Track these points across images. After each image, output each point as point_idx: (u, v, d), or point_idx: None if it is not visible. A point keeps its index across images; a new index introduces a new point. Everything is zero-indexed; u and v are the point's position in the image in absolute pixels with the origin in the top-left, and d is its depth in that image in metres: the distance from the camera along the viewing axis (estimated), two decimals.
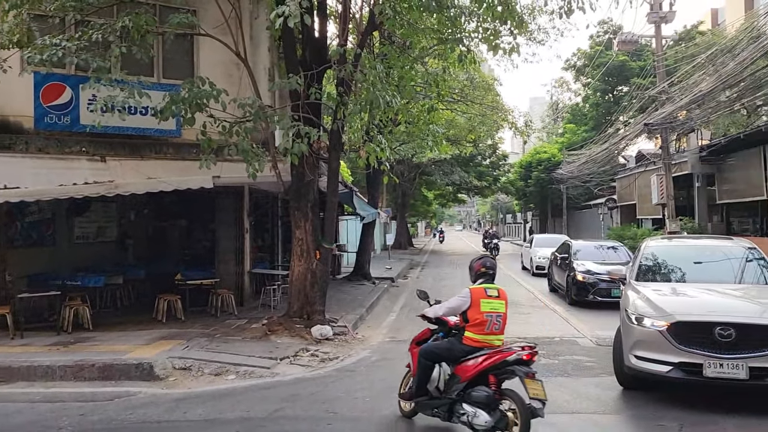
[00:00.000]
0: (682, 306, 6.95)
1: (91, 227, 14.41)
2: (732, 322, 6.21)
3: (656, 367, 6.49)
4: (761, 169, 19.03)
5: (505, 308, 5.73)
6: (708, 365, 6.13)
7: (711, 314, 6.52)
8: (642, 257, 8.65)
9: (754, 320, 6.31)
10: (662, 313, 6.66)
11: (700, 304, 7.08)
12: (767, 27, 16.47)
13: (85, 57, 8.67)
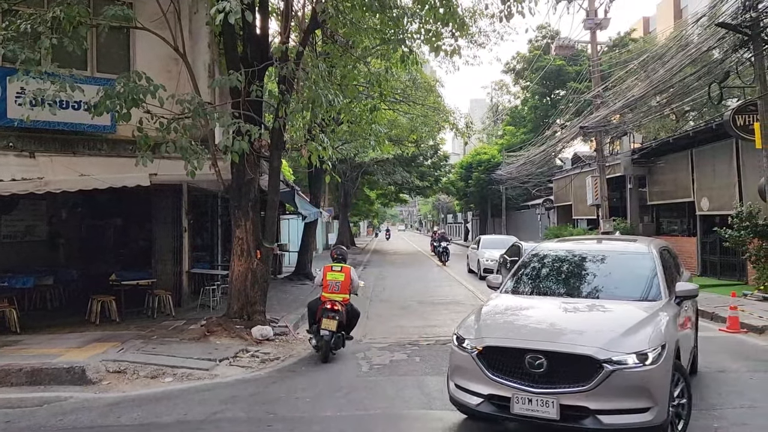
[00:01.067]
0: (502, 327, 5.90)
1: (19, 226, 13.82)
2: (542, 349, 5.17)
3: (468, 399, 5.53)
4: (689, 171, 19.93)
5: (346, 278, 9.28)
6: (516, 400, 5.13)
7: (525, 339, 5.44)
8: (522, 264, 7.46)
9: (565, 348, 5.18)
10: (479, 335, 5.61)
11: (522, 326, 5.93)
12: (694, 36, 17.24)
13: (12, 48, 8.30)
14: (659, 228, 23.74)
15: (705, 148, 18.94)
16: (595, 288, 6.61)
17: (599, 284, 6.63)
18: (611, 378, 4.94)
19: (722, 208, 17.47)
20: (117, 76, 8.78)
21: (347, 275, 9.33)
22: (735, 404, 6.82)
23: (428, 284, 20.76)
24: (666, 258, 7.17)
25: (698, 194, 19.33)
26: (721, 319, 11.95)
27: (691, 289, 6.28)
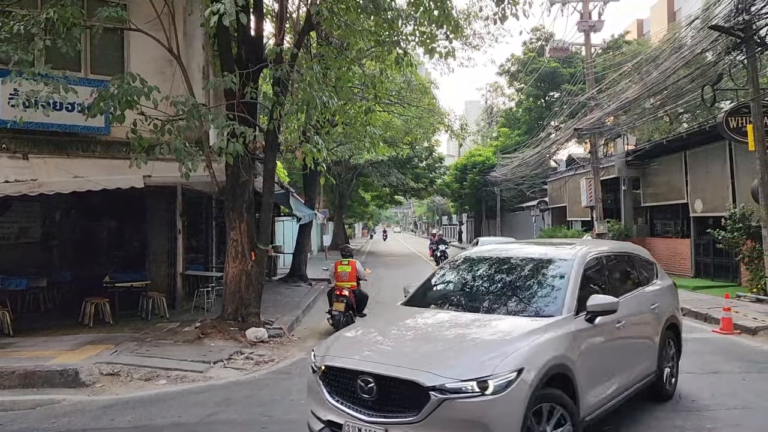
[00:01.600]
0: (349, 345, 5.25)
1: (13, 227, 13.76)
2: (371, 371, 4.54)
3: (313, 424, 5.01)
4: (682, 173, 20.00)
5: (352, 270, 11.57)
6: (347, 428, 4.60)
7: (361, 359, 4.81)
8: (435, 271, 6.90)
9: (393, 371, 4.48)
10: (326, 353, 5.09)
11: (370, 343, 5.28)
12: (688, 39, 17.31)
13: (5, 49, 8.27)
14: (653, 230, 23.82)
15: (698, 150, 19.01)
16: (495, 300, 5.79)
17: (502, 296, 5.86)
18: (441, 409, 4.20)
19: (716, 209, 17.53)
20: (111, 77, 8.77)
21: (353, 267, 11.71)
22: (728, 405, 6.84)
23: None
24: (599, 266, 6.12)
25: (692, 196, 19.40)
26: (714, 320, 11.99)
27: (606, 303, 5.25)
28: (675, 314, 7.21)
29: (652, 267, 7.37)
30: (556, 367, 4.66)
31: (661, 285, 7.20)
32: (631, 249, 7.48)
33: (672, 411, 6.64)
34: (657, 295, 6.91)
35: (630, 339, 6.10)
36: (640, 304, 6.44)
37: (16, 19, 8.47)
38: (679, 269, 20.27)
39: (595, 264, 6.10)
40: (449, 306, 6.00)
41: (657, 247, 22.27)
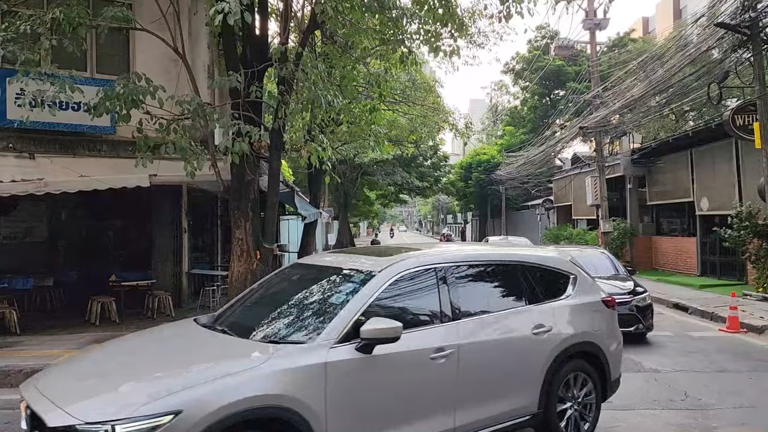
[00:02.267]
0: (63, 372, 4.62)
1: (19, 227, 13.81)
2: (28, 403, 4.02)
3: None
4: (688, 172, 19.94)
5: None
6: None
7: (38, 388, 4.20)
8: (261, 283, 6.01)
9: (39, 405, 3.83)
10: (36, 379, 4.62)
11: (68, 371, 4.59)
12: (693, 36, 17.25)
13: (12, 49, 8.29)
14: (659, 228, 23.76)
15: (704, 148, 18.95)
16: (263, 320, 4.91)
17: (277, 315, 4.99)
18: None
19: (722, 208, 17.48)
20: (116, 77, 8.78)
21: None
22: (735, 404, 6.83)
23: None
24: (429, 281, 5.00)
25: (698, 194, 19.34)
26: (720, 318, 11.96)
27: (383, 328, 4.16)
28: (593, 340, 5.64)
29: (563, 280, 5.82)
30: (264, 410, 3.72)
31: (572, 302, 5.68)
32: (523, 257, 5.87)
33: (678, 409, 6.63)
34: (555, 314, 5.45)
35: (468, 372, 4.79)
36: (505, 327, 5.16)
37: (22, 19, 8.50)
38: (685, 267, 20.22)
39: (419, 277, 4.96)
40: (226, 328, 4.85)
41: (663, 246, 22.23)
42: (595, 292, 6.02)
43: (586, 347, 5.60)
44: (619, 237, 22.45)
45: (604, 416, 6.35)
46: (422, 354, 4.55)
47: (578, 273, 5.98)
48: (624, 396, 7.13)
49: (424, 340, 4.65)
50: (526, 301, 5.45)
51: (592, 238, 24.84)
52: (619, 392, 7.22)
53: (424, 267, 5.04)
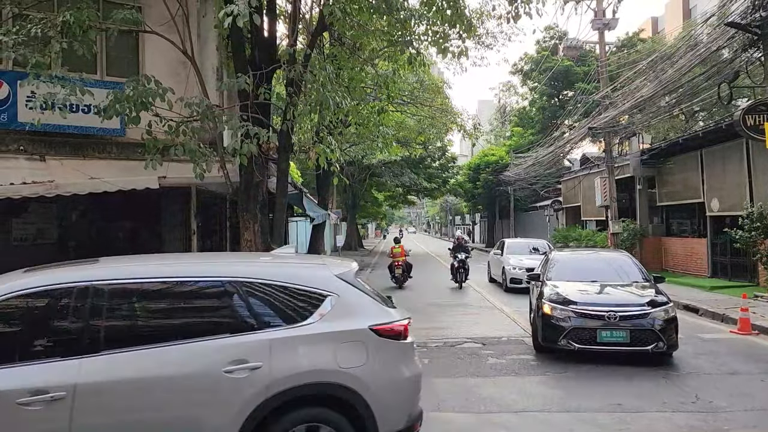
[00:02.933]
0: None
1: (30, 228, 13.90)
2: None
3: None
4: (698, 172, 19.82)
5: (401, 250, 20.47)
6: None
7: None
8: None
9: None
10: None
11: None
12: (703, 36, 17.16)
13: (23, 52, 8.35)
14: (669, 229, 23.63)
15: (715, 148, 18.83)
16: None
17: None
18: None
19: (733, 208, 17.35)
20: (126, 79, 8.83)
21: (402, 249, 20.55)
22: (746, 406, 6.78)
23: (435, 286, 20.71)
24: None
25: (708, 195, 19.22)
26: (731, 320, 11.87)
27: None
28: (344, 382, 4.32)
29: (308, 301, 4.53)
30: None
31: (312, 331, 4.40)
32: (240, 272, 4.62)
33: (688, 412, 6.58)
34: (273, 347, 4.27)
35: (93, 421, 3.89)
36: (176, 362, 4.12)
37: (33, 22, 8.56)
38: (695, 269, 20.09)
39: (36, 300, 4.21)
40: None
41: (673, 247, 22.11)
42: (362, 316, 4.55)
43: (331, 390, 4.31)
44: (629, 238, 22.34)
45: (612, 419, 6.32)
46: (6, 397, 3.71)
47: (340, 292, 4.57)
48: (633, 398, 7.09)
49: (12, 380, 3.78)
50: (228, 329, 4.32)
51: (601, 239, 24.74)
52: (628, 394, 7.22)
53: (44, 288, 4.21)
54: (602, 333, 8.62)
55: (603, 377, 8.19)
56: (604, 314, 8.64)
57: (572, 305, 8.96)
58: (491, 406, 6.97)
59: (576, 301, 9.05)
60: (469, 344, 10.55)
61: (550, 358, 9.12)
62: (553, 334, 8.94)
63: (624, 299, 9.22)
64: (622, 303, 8.99)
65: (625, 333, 8.57)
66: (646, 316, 8.64)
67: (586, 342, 8.68)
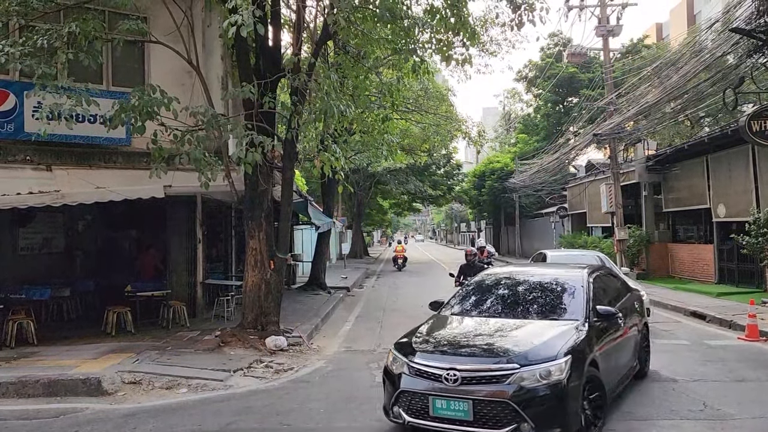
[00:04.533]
0: None
1: (37, 238, 13.97)
2: None
3: None
4: (704, 178, 19.76)
5: (402, 248, 36.18)
6: None
7: None
8: None
9: None
10: None
11: None
12: (708, 42, 17.13)
13: (29, 63, 8.42)
14: (675, 235, 23.54)
15: (721, 154, 18.77)
16: None
17: None
18: None
19: (739, 214, 17.28)
20: (132, 89, 8.89)
21: (403, 247, 35.98)
22: (755, 414, 6.72)
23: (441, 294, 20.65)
24: None
25: (714, 201, 19.15)
26: (739, 327, 11.80)
27: None
28: None
29: None
30: None
31: None
32: None
33: (697, 419, 6.54)
34: None
35: None
36: None
37: (39, 33, 8.63)
38: (702, 275, 19.99)
39: None
40: None
41: (679, 253, 22.02)
42: None
43: None
44: (635, 244, 22.25)
45: (621, 427, 6.28)
46: None
47: None
48: (641, 406, 7.05)
49: None
50: None
51: (607, 245, 24.65)
52: (636, 402, 7.18)
53: None
54: (436, 403, 5.57)
55: None
56: (441, 374, 5.60)
57: (410, 356, 5.97)
58: None
59: (419, 350, 6.07)
60: None
61: None
62: (386, 398, 6.14)
63: (493, 349, 5.99)
64: (482, 354, 5.88)
65: (467, 405, 5.45)
66: (502, 380, 5.45)
67: (418, 414, 5.72)
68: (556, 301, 7.00)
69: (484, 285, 7.78)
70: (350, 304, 17.93)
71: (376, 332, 12.72)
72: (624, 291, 8.37)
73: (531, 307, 7.01)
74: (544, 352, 5.68)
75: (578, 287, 6.99)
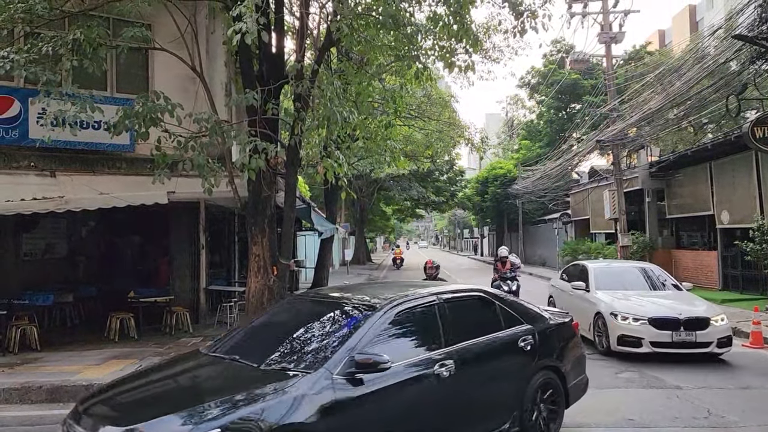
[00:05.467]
0: None
1: (40, 244, 14.00)
2: None
3: None
4: (708, 184, 19.73)
5: (400, 250, 45.79)
6: None
7: None
8: None
9: None
10: None
11: None
12: (711, 48, 17.14)
13: (34, 70, 8.45)
14: (679, 241, 23.49)
15: (724, 160, 18.75)
16: None
17: None
18: None
19: (743, 221, 17.24)
20: (136, 95, 8.92)
21: (400, 250, 45.29)
22: (760, 422, 6.70)
23: None
24: None
25: (718, 207, 19.11)
26: (743, 334, 11.76)
27: None
28: None
29: None
30: None
31: None
32: None
33: (701, 427, 6.51)
34: None
35: None
36: None
37: (44, 40, 8.68)
38: (706, 281, 19.93)
39: None
40: None
41: (683, 260, 21.97)
42: None
43: None
44: (639, 251, 22.21)
45: None
46: None
47: None
48: (645, 413, 7.02)
49: None
50: None
51: (610, 252, 24.60)
52: (640, 409, 7.15)
53: None
54: None
55: (615, 392, 8.12)
56: None
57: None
58: None
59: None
60: None
61: None
62: None
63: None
64: None
65: None
66: None
67: None
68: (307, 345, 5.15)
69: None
70: None
71: None
72: (493, 326, 5.90)
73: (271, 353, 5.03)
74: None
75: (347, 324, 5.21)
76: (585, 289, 11.69)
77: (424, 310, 5.45)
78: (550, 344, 6.25)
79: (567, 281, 12.88)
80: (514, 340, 5.89)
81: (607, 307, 10.63)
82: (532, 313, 6.41)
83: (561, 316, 6.91)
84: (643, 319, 9.99)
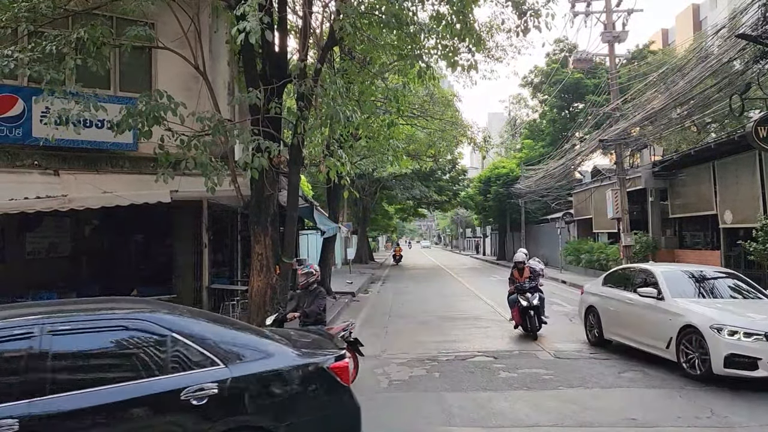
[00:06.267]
0: None
1: (43, 242, 14.00)
2: None
3: None
4: (711, 184, 19.70)
5: (400, 247, 55.39)
6: None
7: None
8: None
9: None
10: None
11: None
12: (714, 48, 17.10)
13: (38, 69, 8.48)
14: (682, 241, 23.46)
15: (727, 160, 18.71)
16: None
17: None
18: None
19: (746, 220, 17.21)
20: (139, 94, 8.94)
21: (400, 247, 54.76)
22: (762, 422, 6.70)
23: (446, 299, 20.64)
24: None
25: (721, 207, 19.08)
26: None
27: None
28: None
29: None
30: None
31: None
32: None
33: (703, 426, 6.51)
34: None
35: None
36: None
37: (48, 39, 8.70)
38: None
39: None
40: None
41: (686, 259, 21.92)
42: None
43: None
44: (642, 251, 22.19)
45: None
46: None
47: None
48: (647, 412, 7.02)
49: None
50: None
51: (613, 252, 24.59)
52: (641, 408, 7.14)
53: None
54: None
55: (617, 392, 8.11)
56: None
57: None
58: (503, 420, 6.92)
59: None
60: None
61: (562, 372, 9.05)
62: None
63: None
64: None
65: None
66: None
67: None
68: None
69: None
70: (355, 309, 17.92)
71: (381, 338, 12.72)
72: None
73: None
74: None
75: None
76: (657, 297, 9.73)
77: (12, 344, 4.15)
78: (252, 394, 4.58)
79: (614, 288, 11.30)
80: (173, 390, 4.31)
81: (704, 319, 8.60)
82: (238, 353, 4.68)
83: (315, 356, 5.07)
84: (758, 334, 8.10)
